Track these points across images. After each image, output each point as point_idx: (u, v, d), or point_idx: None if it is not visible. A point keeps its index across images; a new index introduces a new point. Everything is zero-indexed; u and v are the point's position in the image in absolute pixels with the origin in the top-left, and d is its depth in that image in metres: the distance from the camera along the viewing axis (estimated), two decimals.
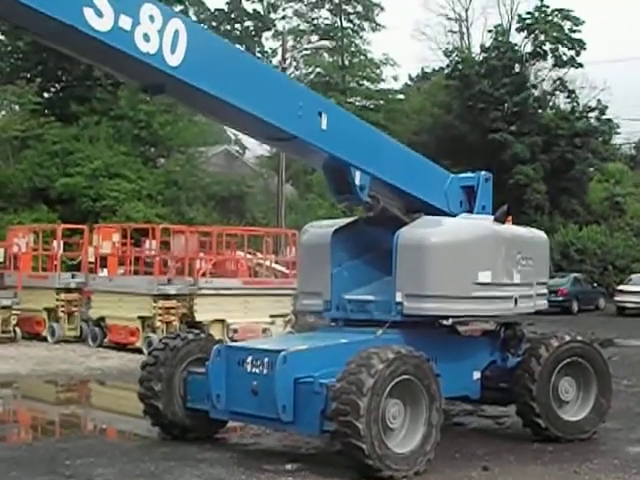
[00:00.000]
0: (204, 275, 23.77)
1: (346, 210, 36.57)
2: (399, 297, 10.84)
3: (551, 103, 58.41)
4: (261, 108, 9.69)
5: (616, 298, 42.05)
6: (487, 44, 57.91)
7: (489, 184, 12.18)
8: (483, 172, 12.26)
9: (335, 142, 10.45)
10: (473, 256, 11.01)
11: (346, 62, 71.13)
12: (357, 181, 10.74)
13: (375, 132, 11.71)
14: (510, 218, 11.98)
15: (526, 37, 56.93)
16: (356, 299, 11.43)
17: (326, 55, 71.93)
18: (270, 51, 70.20)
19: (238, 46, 45.05)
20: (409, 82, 73.72)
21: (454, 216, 11.70)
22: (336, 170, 10.87)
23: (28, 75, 44.97)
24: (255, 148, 70.05)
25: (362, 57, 71.85)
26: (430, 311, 10.92)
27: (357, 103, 66.94)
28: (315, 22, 72.56)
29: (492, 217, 11.77)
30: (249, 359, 10.27)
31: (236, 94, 9.44)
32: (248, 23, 68.86)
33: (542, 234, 12.74)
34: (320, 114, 10.30)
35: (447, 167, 12.77)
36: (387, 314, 10.98)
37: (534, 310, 12.04)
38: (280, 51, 54.91)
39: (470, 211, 11.94)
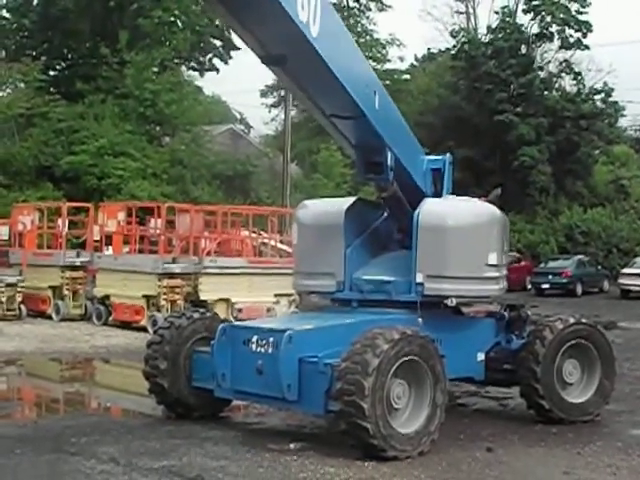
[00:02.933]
0: (209, 254, 23.82)
1: (351, 190, 36.60)
2: (420, 278, 10.92)
3: (557, 85, 58.20)
4: (352, 84, 9.78)
5: (620, 281, 42.03)
6: (493, 25, 57.64)
7: (451, 167, 12.25)
8: (448, 155, 12.40)
9: (382, 121, 10.52)
10: (485, 238, 11.18)
11: None
12: (389, 161, 10.80)
13: (399, 112, 11.76)
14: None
15: (532, 18, 56.64)
16: (374, 279, 11.40)
17: None
18: None
19: None
20: (415, 63, 73.18)
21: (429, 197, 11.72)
22: (370, 150, 10.92)
23: (34, 53, 44.74)
24: (260, 127, 69.98)
25: (368, 37, 71.29)
26: (449, 292, 11.03)
27: None
28: None
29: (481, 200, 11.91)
30: (254, 338, 10.28)
31: (341, 68, 9.52)
32: None
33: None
34: (375, 93, 10.38)
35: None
36: (406, 295, 11.04)
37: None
38: None
39: (437, 193, 11.97)
